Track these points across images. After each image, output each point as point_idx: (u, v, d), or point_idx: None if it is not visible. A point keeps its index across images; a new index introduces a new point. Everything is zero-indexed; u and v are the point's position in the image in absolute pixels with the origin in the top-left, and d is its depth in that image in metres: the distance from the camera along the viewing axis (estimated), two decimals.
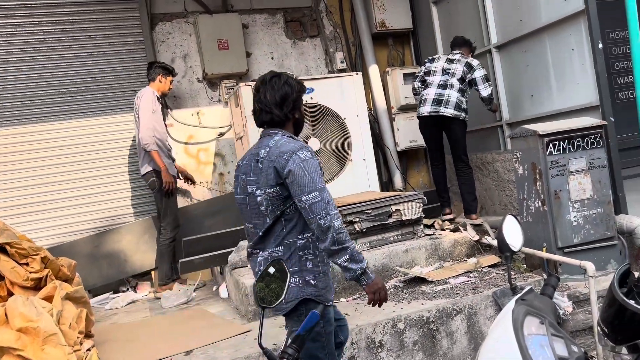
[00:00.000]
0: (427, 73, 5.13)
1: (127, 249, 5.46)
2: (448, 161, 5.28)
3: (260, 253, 2.40)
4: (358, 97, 5.40)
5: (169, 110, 5.91)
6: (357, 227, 4.34)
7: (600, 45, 4.23)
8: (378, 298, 2.33)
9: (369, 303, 2.37)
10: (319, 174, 2.33)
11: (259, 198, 2.35)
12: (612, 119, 4.22)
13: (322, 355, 2.39)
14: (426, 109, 4.97)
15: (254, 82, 2.58)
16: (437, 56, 5.21)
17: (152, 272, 5.52)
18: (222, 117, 6.14)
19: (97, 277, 5.33)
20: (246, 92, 5.04)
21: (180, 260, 4.49)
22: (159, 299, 4.89)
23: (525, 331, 1.61)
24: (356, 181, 5.29)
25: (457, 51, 5.15)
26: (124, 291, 5.43)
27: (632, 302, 1.89)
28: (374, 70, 6.56)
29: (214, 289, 5.04)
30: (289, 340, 1.74)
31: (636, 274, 2.06)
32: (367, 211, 4.41)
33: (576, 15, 4.37)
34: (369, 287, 2.31)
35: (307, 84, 5.14)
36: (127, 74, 5.89)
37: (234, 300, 4.39)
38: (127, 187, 5.85)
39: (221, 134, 6.12)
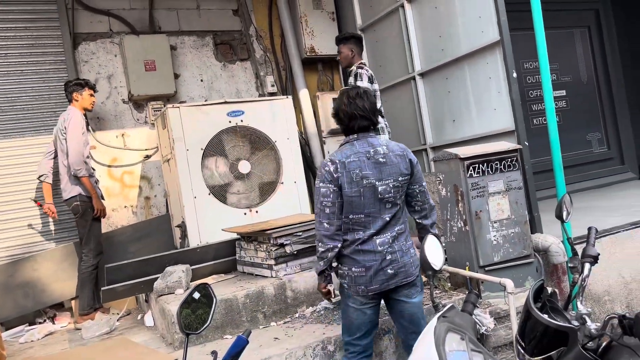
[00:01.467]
0: None
1: (45, 277, 5.16)
2: None
3: (381, 237, 2.81)
4: (289, 120, 5.46)
5: (91, 131, 5.70)
6: (287, 249, 4.33)
7: (515, 74, 4.51)
8: None
9: None
10: None
11: (380, 188, 2.77)
12: (527, 143, 4.48)
13: None
14: None
15: (340, 94, 2.99)
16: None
17: (72, 302, 5.23)
18: (148, 139, 5.99)
19: (11, 308, 4.99)
20: (174, 114, 4.97)
21: (102, 289, 4.29)
22: (80, 329, 4.64)
23: (446, 347, 1.66)
24: (287, 204, 5.31)
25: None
26: (40, 323, 5.11)
27: (545, 316, 2.00)
28: (304, 95, 6.66)
29: (139, 317, 4.85)
30: None
31: (549, 290, 2.18)
32: (298, 233, 4.41)
33: (492, 45, 4.65)
34: None
35: (237, 106, 5.23)
36: (47, 95, 5.65)
37: (160, 329, 4.24)
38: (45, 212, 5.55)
39: (147, 157, 5.97)
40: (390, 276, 2.80)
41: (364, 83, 4.62)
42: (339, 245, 2.81)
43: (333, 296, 2.96)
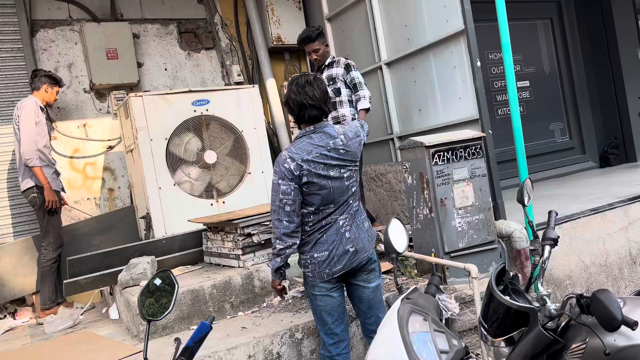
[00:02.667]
0: None
1: (5, 272, 5.01)
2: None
3: (342, 218, 2.81)
4: (255, 110, 5.41)
5: (52, 122, 5.54)
6: (255, 239, 4.30)
7: (479, 63, 4.56)
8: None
9: None
10: None
11: (346, 175, 2.80)
12: (490, 132, 4.55)
13: None
14: None
15: (289, 82, 2.88)
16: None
17: (34, 297, 5.09)
18: (111, 129, 5.86)
19: None
20: (137, 103, 4.87)
21: (65, 281, 4.19)
22: (42, 324, 4.53)
23: (410, 329, 1.68)
24: (255, 194, 5.27)
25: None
26: (0, 319, 4.96)
27: (507, 298, 2.04)
28: (271, 84, 6.61)
29: (104, 310, 4.75)
30: (178, 353, 1.68)
31: (511, 273, 2.22)
32: (265, 223, 4.39)
33: (457, 34, 4.69)
34: None
35: (202, 95, 5.15)
36: (4, 84, 5.45)
37: (125, 321, 4.17)
38: (4, 204, 5.39)
39: (110, 147, 5.84)
40: (352, 254, 2.80)
41: (359, 72, 4.77)
42: (298, 242, 2.77)
43: (287, 292, 2.94)
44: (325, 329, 2.92)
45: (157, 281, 1.82)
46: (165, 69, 6.26)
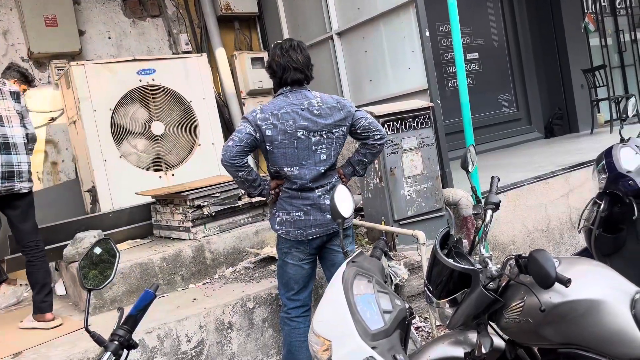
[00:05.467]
0: None
1: None
2: None
3: (318, 187, 2.84)
4: (204, 79, 5.29)
5: None
6: (205, 211, 4.25)
7: (428, 33, 4.59)
8: None
9: None
10: None
11: (314, 139, 2.77)
12: (439, 102, 4.61)
13: None
14: None
15: (272, 47, 2.87)
16: None
17: None
18: (53, 100, 5.62)
19: None
20: (78, 72, 4.68)
21: (6, 257, 4.03)
22: None
23: (354, 291, 1.70)
24: (206, 166, 5.18)
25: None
26: None
27: (450, 260, 2.09)
28: (220, 54, 6.46)
29: None
30: (121, 321, 1.65)
31: (455, 237, 2.28)
32: (216, 195, 4.33)
33: (406, 4, 4.69)
34: None
35: (148, 64, 4.99)
36: None
37: (72, 297, 4.07)
38: None
39: (52, 119, 5.60)
40: (329, 221, 2.82)
41: None
42: (245, 162, 2.74)
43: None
44: (289, 295, 2.96)
45: (97, 250, 1.77)
46: (109, 38, 6.02)
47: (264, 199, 3.06)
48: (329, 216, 2.81)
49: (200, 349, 3.26)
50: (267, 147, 2.76)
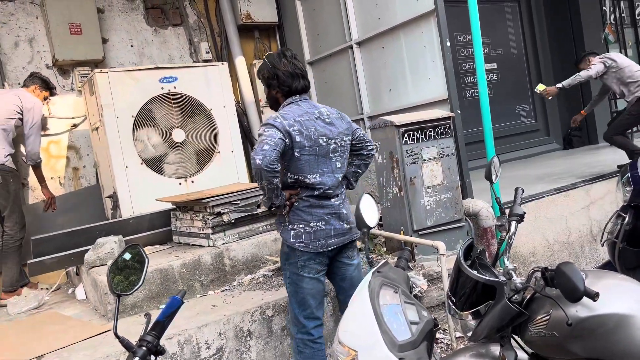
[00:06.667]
0: None
1: None
2: None
3: (336, 195, 2.83)
4: (224, 88, 5.33)
5: None
6: (225, 218, 4.28)
7: (448, 43, 4.59)
8: None
9: None
10: None
11: (332, 147, 2.78)
12: (459, 111, 4.61)
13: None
14: None
15: (272, 57, 2.83)
16: None
17: None
18: (75, 107, 5.70)
19: None
20: (102, 79, 4.75)
21: (29, 261, 4.09)
22: (4, 306, 4.42)
23: (380, 301, 1.70)
24: (225, 173, 5.22)
25: None
26: None
27: (474, 272, 2.08)
28: (240, 63, 6.51)
29: (70, 291, 4.67)
30: (149, 327, 1.66)
31: (479, 248, 2.27)
32: (236, 202, 4.36)
33: (427, 14, 4.70)
34: None
35: (170, 72, 5.05)
36: None
37: (92, 301, 4.10)
38: None
39: (75, 125, 5.68)
40: (347, 230, 2.81)
41: None
42: (279, 167, 2.62)
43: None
44: (306, 313, 2.81)
45: (127, 255, 1.79)
46: (131, 46, 6.10)
47: (277, 210, 2.86)
48: (346, 225, 2.81)
49: (219, 356, 3.27)
50: (295, 153, 2.69)
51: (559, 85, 5.72)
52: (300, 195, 2.78)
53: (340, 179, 2.85)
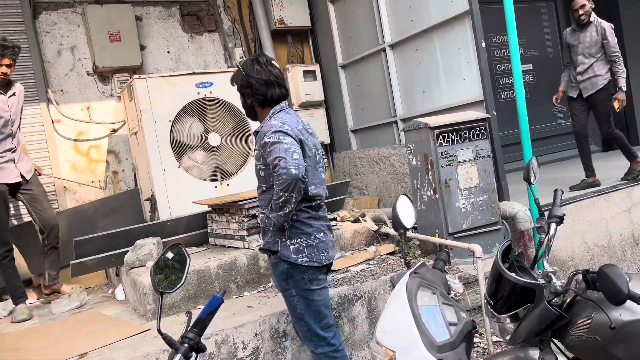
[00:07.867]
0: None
1: None
2: None
3: (323, 207, 2.75)
4: None
5: (55, 104, 5.55)
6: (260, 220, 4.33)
7: (483, 44, 4.55)
8: None
9: None
10: None
11: (317, 157, 2.72)
12: (495, 113, 4.55)
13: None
14: None
15: (246, 64, 2.69)
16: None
17: (35, 279, 5.12)
18: (114, 112, 5.86)
19: None
20: (140, 85, 4.87)
21: (72, 262, 4.21)
22: (49, 302, 4.57)
23: (418, 302, 1.70)
24: None
25: None
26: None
27: (512, 274, 2.05)
28: None
29: (110, 292, 4.80)
30: (190, 325, 1.70)
31: (517, 250, 2.24)
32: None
33: (462, 15, 4.67)
34: None
35: (205, 77, 5.14)
36: None
37: (132, 301, 4.21)
38: None
39: (114, 130, 5.84)
40: (334, 244, 2.79)
41: None
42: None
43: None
44: (323, 324, 2.71)
45: (169, 254, 1.84)
46: (168, 52, 6.24)
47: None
48: (334, 238, 2.79)
49: (255, 356, 3.31)
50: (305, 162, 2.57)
51: (623, 88, 5.47)
52: (299, 207, 2.62)
53: (326, 189, 2.78)
